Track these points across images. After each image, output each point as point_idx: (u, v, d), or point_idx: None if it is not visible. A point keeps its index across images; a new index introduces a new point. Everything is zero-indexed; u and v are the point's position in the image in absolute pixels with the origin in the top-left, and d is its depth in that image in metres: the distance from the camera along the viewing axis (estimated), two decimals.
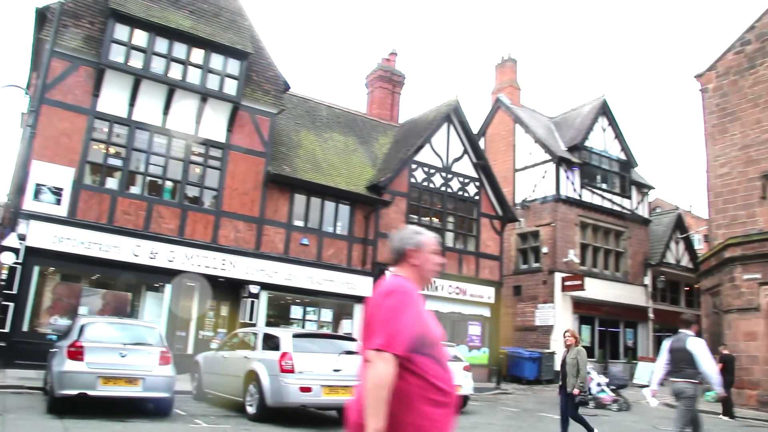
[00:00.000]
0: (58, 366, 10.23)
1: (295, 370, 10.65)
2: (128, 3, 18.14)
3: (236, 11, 20.54)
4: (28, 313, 16.08)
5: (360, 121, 25.95)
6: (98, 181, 17.61)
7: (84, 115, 17.43)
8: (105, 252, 16.79)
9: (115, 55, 17.79)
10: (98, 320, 11.87)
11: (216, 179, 19.10)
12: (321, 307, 20.44)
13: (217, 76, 19.09)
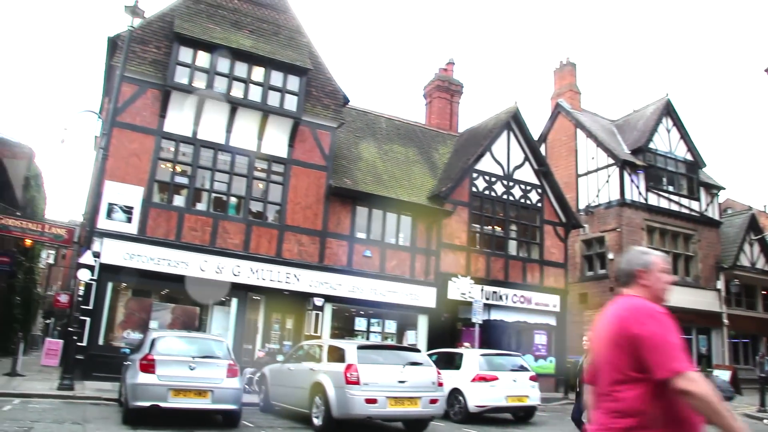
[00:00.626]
0: (131, 378, 10.62)
1: (360, 381, 10.72)
2: (191, 26, 18.77)
3: (294, 29, 20.97)
4: (103, 328, 16.77)
5: (419, 132, 26.04)
6: (166, 198, 18.21)
7: (152, 135, 18.08)
8: (174, 267, 17.35)
9: (180, 77, 18.41)
10: (168, 334, 12.22)
11: (279, 194, 19.46)
12: (385, 319, 20.51)
13: (278, 92, 19.51)
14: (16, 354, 16.95)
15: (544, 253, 23.87)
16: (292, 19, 21.11)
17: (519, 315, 22.80)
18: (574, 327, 26.13)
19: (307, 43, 20.96)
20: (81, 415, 11.26)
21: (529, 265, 23.43)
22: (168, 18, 18.90)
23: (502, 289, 22.28)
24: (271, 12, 20.79)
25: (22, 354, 17.59)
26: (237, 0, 20.34)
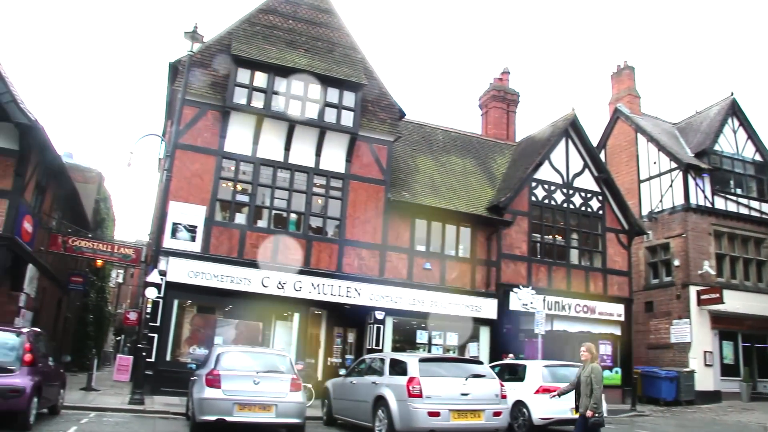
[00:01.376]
0: (198, 393, 10.88)
1: (423, 394, 10.70)
2: (248, 48, 19.23)
3: (349, 45, 21.23)
4: (171, 344, 17.28)
5: (476, 143, 25.95)
6: (228, 217, 18.62)
7: (213, 156, 18.56)
8: (236, 284, 17.73)
9: (239, 98, 18.86)
10: (233, 349, 12.46)
11: (338, 209, 19.66)
12: (446, 331, 20.39)
13: (334, 109, 19.75)
14: (90, 370, 17.68)
15: (606, 261, 23.37)
16: (345, 36, 21.39)
17: (582, 325, 22.35)
18: (640, 336, 25.45)
19: (362, 59, 21.19)
20: (151, 429, 11.61)
21: (591, 273, 22.97)
22: (225, 41, 19.41)
23: (564, 299, 21.90)
24: (325, 30, 21.11)
25: (96, 369, 18.30)
26: (291, 20, 20.73)
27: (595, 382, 8.88)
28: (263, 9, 20.66)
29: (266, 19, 20.48)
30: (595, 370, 9.03)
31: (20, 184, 15.70)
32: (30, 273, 17.47)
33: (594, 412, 8.81)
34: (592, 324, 22.50)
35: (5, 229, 15.26)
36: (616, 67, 32.35)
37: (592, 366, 9.12)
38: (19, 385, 9.79)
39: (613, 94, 31.95)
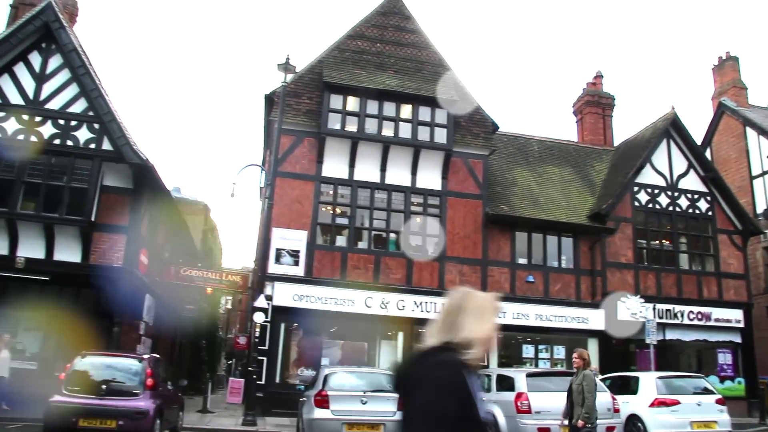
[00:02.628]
0: (307, 414, 11.09)
1: (531, 410, 10.50)
2: (339, 74, 19.68)
3: (437, 62, 21.33)
4: (279, 366, 17.75)
5: (573, 150, 25.33)
6: (329, 240, 19.00)
7: (311, 181, 19.04)
8: (340, 305, 18.01)
9: (333, 123, 19.29)
10: (340, 370, 12.64)
11: (437, 226, 19.66)
12: (553, 344, 19.90)
13: (427, 127, 19.84)
14: (205, 393, 18.40)
15: (720, 264, 22.11)
16: (433, 53, 21.51)
17: (697, 333, 21.19)
18: (764, 343, 23.83)
19: (451, 75, 21.22)
20: None
21: (704, 278, 21.79)
22: (317, 69, 19.96)
23: (676, 307, 20.87)
24: (413, 50, 21.31)
25: (211, 392, 19.03)
26: (379, 43, 21.07)
27: (587, 390, 8.51)
28: (351, 35, 21.16)
29: (354, 44, 20.94)
30: (587, 377, 8.66)
31: (136, 219, 16.65)
32: (148, 302, 18.41)
33: (585, 422, 8.43)
34: (708, 332, 21.30)
35: (125, 263, 16.20)
36: (717, 60, 30.76)
37: (584, 373, 8.75)
38: (143, 407, 10.34)
39: (716, 88, 30.38)
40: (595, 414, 8.58)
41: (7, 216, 15.74)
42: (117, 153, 16.20)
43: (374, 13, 21.84)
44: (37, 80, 16.79)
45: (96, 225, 16.21)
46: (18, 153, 16.05)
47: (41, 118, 16.52)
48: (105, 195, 16.50)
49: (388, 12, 21.93)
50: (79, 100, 16.75)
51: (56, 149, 16.35)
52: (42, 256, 15.89)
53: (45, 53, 16.98)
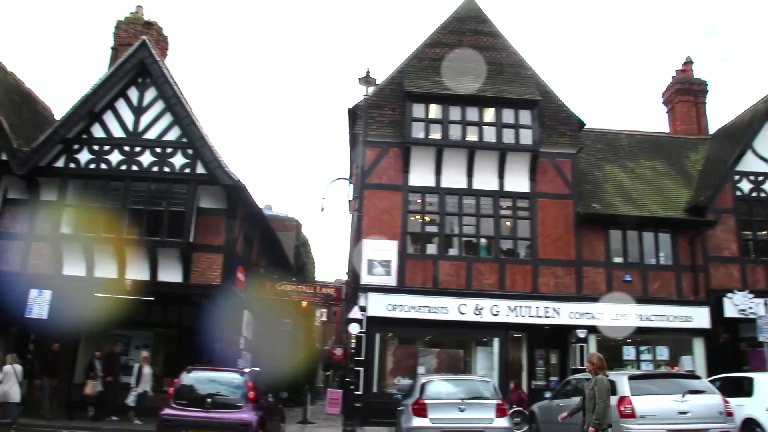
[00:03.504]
0: (405, 422, 11.15)
1: (636, 414, 10.13)
2: (420, 83, 19.76)
3: (517, 63, 21.06)
4: (376, 376, 17.90)
5: (665, 142, 24.27)
6: (419, 248, 19.04)
7: (399, 191, 19.16)
8: (434, 313, 17.98)
9: (417, 132, 19.36)
10: (436, 378, 12.64)
11: (527, 229, 19.34)
12: (655, 345, 19.06)
13: (512, 129, 19.58)
14: (305, 404, 18.78)
15: None
16: (512, 54, 21.26)
17: None
18: None
19: (532, 75, 20.91)
20: None
21: None
22: (397, 80, 20.12)
23: None
24: (492, 53, 21.13)
25: (310, 404, 19.39)
26: (458, 50, 21.00)
27: (598, 395, 8.23)
28: (429, 43, 21.21)
29: (433, 52, 20.97)
30: (599, 382, 8.35)
31: (231, 239, 17.26)
32: (246, 318, 19.01)
33: (596, 429, 8.12)
34: None
35: (223, 280, 16.83)
36: None
37: (596, 378, 8.44)
38: (247, 419, 10.70)
39: None
40: (607, 420, 8.29)
41: (115, 242, 16.66)
42: (210, 176, 16.89)
43: (450, 19, 21.82)
44: (135, 113, 17.78)
45: (194, 246, 16.92)
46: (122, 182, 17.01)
47: (140, 147, 17.50)
48: (201, 216, 17.21)
49: (464, 17, 21.86)
50: (173, 128, 17.60)
51: (155, 176, 17.23)
52: (147, 278, 16.70)
53: (141, 87, 17.97)
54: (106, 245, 16.70)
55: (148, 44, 17.85)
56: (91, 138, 17.65)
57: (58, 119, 18.10)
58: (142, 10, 20.34)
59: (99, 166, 17.37)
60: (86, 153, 17.51)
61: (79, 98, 17.63)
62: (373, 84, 18.96)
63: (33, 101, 21.39)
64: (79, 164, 17.41)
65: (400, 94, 19.74)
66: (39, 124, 19.78)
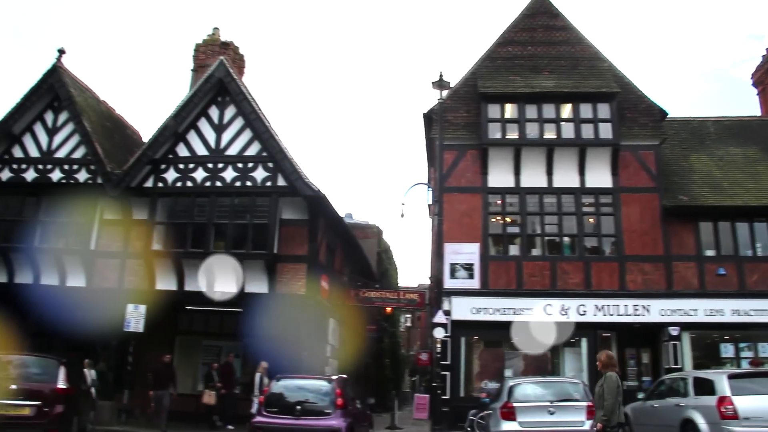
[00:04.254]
0: (494, 426, 11.08)
1: (738, 415, 9.68)
2: (494, 83, 19.60)
3: (592, 56, 20.57)
4: (462, 380, 17.82)
5: (756, 126, 22.94)
6: (501, 250, 18.85)
7: (478, 193, 19.03)
8: (519, 315, 17.70)
9: (493, 133, 19.19)
10: (524, 381, 12.51)
11: (611, 225, 18.81)
12: (756, 342, 18.08)
13: (590, 124, 19.12)
14: (392, 410, 18.91)
15: None
16: (587, 47, 20.79)
17: None
18: None
19: (609, 67, 20.37)
20: None
21: None
22: (471, 82, 20.01)
23: None
24: (565, 47, 20.73)
25: (397, 409, 19.49)
26: (530, 46, 20.73)
27: (607, 392, 8.27)
28: (501, 42, 21.02)
29: (505, 51, 20.77)
30: (608, 379, 8.39)
31: (314, 248, 17.56)
32: (331, 326, 19.31)
33: (604, 425, 8.17)
34: None
35: (307, 290, 17.12)
36: None
37: (606, 375, 8.46)
38: (335, 426, 10.88)
39: None
40: (616, 417, 8.23)
41: (203, 255, 17.26)
42: (291, 188, 17.25)
43: (521, 17, 21.53)
44: (216, 131, 18.39)
45: (279, 256, 17.29)
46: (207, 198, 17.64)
47: (223, 164, 18.06)
48: (284, 228, 17.59)
49: (535, 13, 21.53)
50: (253, 143, 18.09)
51: (238, 190, 17.75)
52: (235, 290, 17.20)
53: (221, 106, 18.58)
54: (194, 259, 17.34)
55: (226, 64, 18.47)
56: (177, 157, 18.39)
57: (146, 141, 18.96)
58: (219, 32, 21.03)
59: (185, 184, 18.07)
60: (173, 172, 18.27)
61: (163, 120, 18.43)
62: (447, 87, 18.96)
63: (123, 126, 22.49)
64: (166, 183, 18.19)
65: (475, 96, 19.63)
66: (129, 147, 20.78)
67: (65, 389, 11.87)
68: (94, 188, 18.32)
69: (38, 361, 12.66)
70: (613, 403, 8.24)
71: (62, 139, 19.11)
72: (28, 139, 19.27)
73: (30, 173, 18.97)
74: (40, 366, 12.33)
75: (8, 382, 11.66)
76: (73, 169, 18.80)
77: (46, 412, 11.38)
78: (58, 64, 19.42)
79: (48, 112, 19.42)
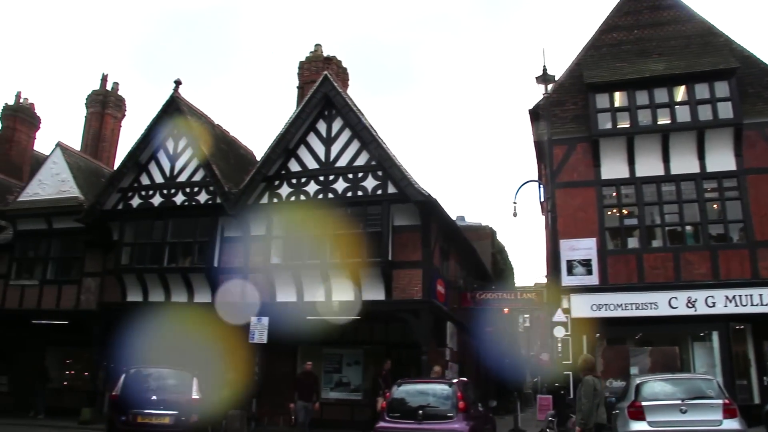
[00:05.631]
0: (622, 427, 10.70)
1: None
2: (600, 72, 18.99)
3: (706, 32, 19.46)
4: None
5: None
6: (619, 244, 18.17)
7: (591, 187, 18.43)
8: (642, 310, 16.96)
9: (603, 123, 18.57)
10: (651, 378, 12.00)
11: (738, 210, 17.65)
12: None
13: (707, 104, 18.06)
14: (515, 412, 18.64)
15: None
16: (700, 23, 19.70)
17: None
18: None
19: (725, 41, 19.19)
20: None
21: None
22: (576, 73, 19.50)
23: None
24: (674, 26, 19.76)
25: (520, 411, 19.20)
26: (636, 30, 19.94)
27: (584, 395, 8.54)
28: (604, 29, 20.36)
29: (610, 38, 20.09)
30: (585, 383, 8.64)
31: (428, 253, 17.65)
32: (450, 329, 19.33)
33: (582, 428, 8.43)
34: None
35: (424, 295, 17.25)
36: None
37: (584, 379, 8.70)
38: (458, 429, 10.91)
39: None
40: (593, 419, 8.51)
41: (320, 267, 17.80)
42: (401, 194, 17.45)
43: (624, 1, 20.75)
44: (325, 144, 18.94)
45: (394, 263, 17.53)
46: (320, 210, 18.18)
47: (333, 176, 18.57)
48: (397, 234, 17.80)
49: None
50: (361, 153, 18.47)
51: (349, 201, 18.18)
52: (352, 298, 17.59)
53: (328, 119, 19.12)
54: (312, 271, 17.89)
55: (330, 78, 18.99)
56: (289, 173, 19.07)
57: (259, 160, 19.80)
58: (321, 48, 21.68)
59: (298, 198, 18.72)
60: (286, 187, 18.96)
61: (274, 138, 19.18)
62: (552, 81, 18.56)
63: (236, 147, 23.60)
64: (281, 198, 18.90)
65: (581, 87, 19.08)
66: (244, 166, 21.79)
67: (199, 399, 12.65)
68: (214, 208, 19.40)
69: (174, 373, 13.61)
70: (590, 406, 8.52)
71: (183, 164, 20.40)
72: (153, 167, 20.75)
73: (156, 198, 20.37)
74: (176, 378, 13.26)
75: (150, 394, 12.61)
76: (194, 192, 19.96)
77: (184, 421, 12.22)
78: (176, 95, 20.70)
79: (169, 140, 20.77)
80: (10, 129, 29.30)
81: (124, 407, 12.51)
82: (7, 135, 29.27)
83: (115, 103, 30.26)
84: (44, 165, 23.09)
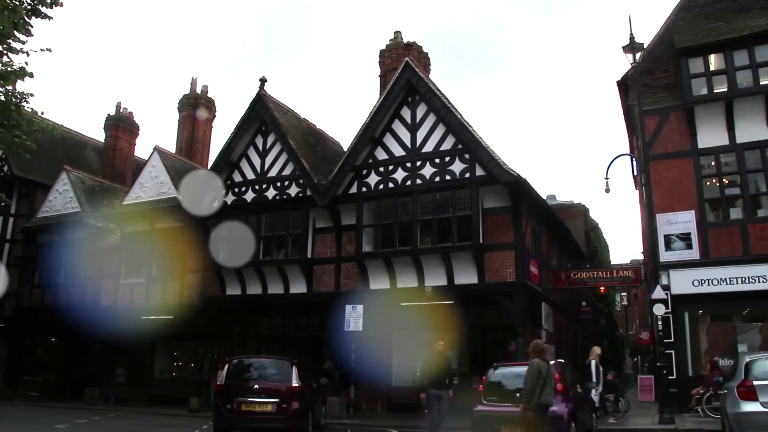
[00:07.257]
0: (731, 408, 10.22)
1: None
2: (693, 35, 18.02)
3: None
4: (689, 358, 16.67)
5: None
6: (721, 215, 17.34)
7: (688, 157, 17.63)
8: (748, 284, 16.06)
9: (698, 89, 17.66)
10: (762, 356, 11.39)
11: None
12: None
13: None
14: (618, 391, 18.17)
15: None
16: None
17: None
18: None
19: None
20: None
21: None
22: (666, 39, 18.66)
23: None
24: None
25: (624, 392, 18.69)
26: None
27: (528, 377, 9.30)
28: None
29: None
30: (531, 365, 9.37)
31: (520, 234, 17.41)
32: (545, 311, 19.03)
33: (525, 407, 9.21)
34: None
35: (517, 277, 17.05)
36: None
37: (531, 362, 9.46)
38: (558, 412, 10.73)
39: None
40: (536, 399, 9.22)
41: (411, 253, 17.90)
42: (490, 176, 17.24)
43: None
44: (410, 130, 18.94)
45: (485, 246, 17.40)
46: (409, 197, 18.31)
47: (420, 161, 18.56)
48: (487, 217, 17.64)
49: None
50: (447, 137, 18.34)
51: (438, 185, 18.12)
52: (444, 283, 17.62)
53: (412, 105, 19.11)
54: (404, 257, 18.02)
55: (412, 64, 18.94)
56: (376, 161, 19.22)
57: (346, 150, 20.05)
58: (401, 35, 21.64)
59: (387, 186, 18.83)
60: (374, 176, 19.13)
61: (360, 127, 19.36)
62: (640, 49, 17.75)
63: (323, 139, 23.99)
64: (369, 187, 19.09)
65: (673, 53, 18.21)
66: (331, 158, 22.14)
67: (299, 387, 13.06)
68: (304, 201, 19.85)
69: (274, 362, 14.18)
70: (533, 387, 9.20)
71: (272, 159, 20.93)
72: (245, 164, 21.41)
73: (249, 194, 21.03)
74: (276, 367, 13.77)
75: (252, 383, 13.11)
76: (284, 186, 20.48)
77: (285, 408, 12.68)
78: (262, 92, 21.19)
79: (258, 137, 21.38)
80: (113, 138, 31.16)
81: (229, 396, 13.05)
82: (111, 143, 31.23)
83: (206, 105, 31.40)
84: (144, 169, 24.47)
